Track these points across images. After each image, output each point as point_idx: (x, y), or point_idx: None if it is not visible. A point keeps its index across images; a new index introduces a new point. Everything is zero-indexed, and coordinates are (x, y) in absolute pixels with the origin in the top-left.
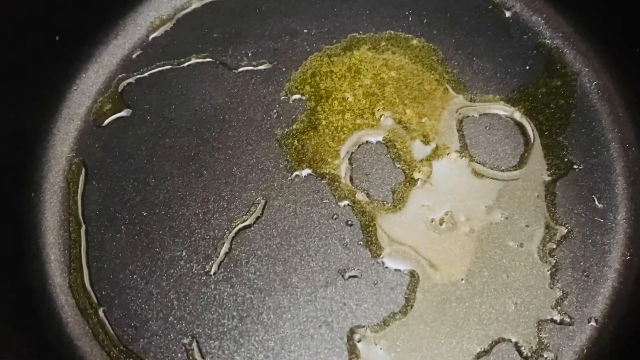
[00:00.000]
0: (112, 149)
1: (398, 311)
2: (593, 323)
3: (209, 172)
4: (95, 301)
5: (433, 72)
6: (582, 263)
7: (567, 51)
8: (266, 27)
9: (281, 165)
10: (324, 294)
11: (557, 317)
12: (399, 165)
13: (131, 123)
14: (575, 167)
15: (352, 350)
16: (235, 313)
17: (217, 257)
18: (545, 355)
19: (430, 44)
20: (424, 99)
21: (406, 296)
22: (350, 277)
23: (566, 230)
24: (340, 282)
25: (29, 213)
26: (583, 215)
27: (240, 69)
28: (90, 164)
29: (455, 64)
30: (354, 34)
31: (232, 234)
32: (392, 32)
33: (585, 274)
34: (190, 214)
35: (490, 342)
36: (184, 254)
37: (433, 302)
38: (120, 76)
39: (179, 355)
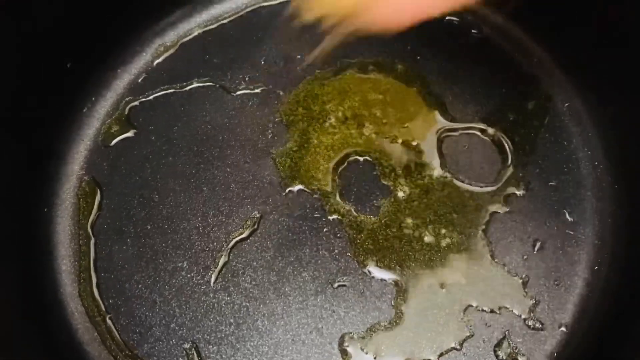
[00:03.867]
0: (119, 167)
1: (383, 318)
2: (563, 329)
3: (209, 188)
4: (103, 309)
5: (416, 94)
6: (553, 273)
7: (541, 75)
8: (262, 53)
9: (276, 182)
10: (314, 302)
11: (530, 323)
12: (384, 182)
13: (137, 143)
14: (547, 183)
15: (342, 356)
16: (232, 320)
17: (216, 267)
18: (519, 359)
19: (414, 68)
20: (408, 120)
21: (391, 304)
22: (339, 286)
23: (539, 242)
24: (330, 290)
25: (42, 227)
26: (555, 228)
27: (238, 92)
28: (99, 181)
29: (437, 87)
30: (344, 59)
31: (230, 246)
32: (379, 57)
33: (556, 282)
34: (191, 228)
35: (468, 347)
36: (185, 264)
37: (416, 309)
38: (127, 99)
39: (181, 359)
